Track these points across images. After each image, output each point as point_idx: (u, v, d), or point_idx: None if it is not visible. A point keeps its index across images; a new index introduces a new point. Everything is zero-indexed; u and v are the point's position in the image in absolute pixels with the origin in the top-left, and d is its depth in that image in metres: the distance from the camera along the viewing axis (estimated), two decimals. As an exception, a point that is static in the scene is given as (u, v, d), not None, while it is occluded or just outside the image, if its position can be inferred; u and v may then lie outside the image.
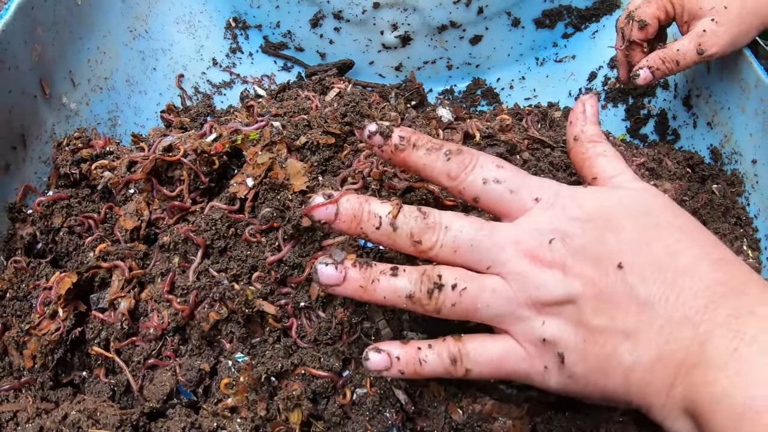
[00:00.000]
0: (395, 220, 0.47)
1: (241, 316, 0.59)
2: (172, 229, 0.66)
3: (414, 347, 0.49)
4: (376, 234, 0.48)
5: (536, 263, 0.46)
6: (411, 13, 1.16)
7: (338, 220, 0.48)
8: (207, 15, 1.16)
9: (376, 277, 0.47)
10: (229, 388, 0.58)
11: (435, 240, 0.47)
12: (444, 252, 0.47)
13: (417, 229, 0.47)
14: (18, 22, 0.70)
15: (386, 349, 0.49)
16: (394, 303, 0.48)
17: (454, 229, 0.47)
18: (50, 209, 0.71)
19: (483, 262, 0.47)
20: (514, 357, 0.48)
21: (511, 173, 0.49)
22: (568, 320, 0.46)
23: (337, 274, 0.47)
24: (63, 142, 0.77)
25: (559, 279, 0.46)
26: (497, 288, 0.47)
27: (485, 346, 0.49)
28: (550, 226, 0.47)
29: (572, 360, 0.46)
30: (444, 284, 0.46)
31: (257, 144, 0.68)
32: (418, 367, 0.48)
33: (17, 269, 0.68)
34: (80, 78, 0.84)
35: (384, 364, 0.48)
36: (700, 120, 1.01)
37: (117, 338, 0.63)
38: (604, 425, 0.57)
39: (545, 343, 0.47)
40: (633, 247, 0.46)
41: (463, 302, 0.47)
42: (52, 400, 0.62)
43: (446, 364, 0.48)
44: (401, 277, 0.47)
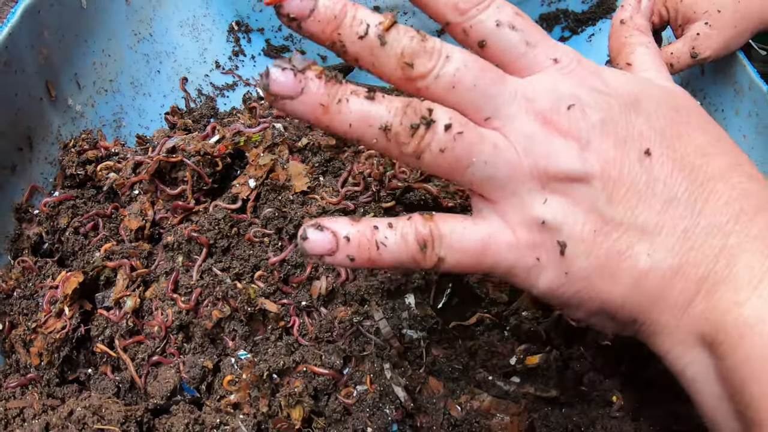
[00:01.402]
0: (386, 33, 0.36)
1: (244, 314, 0.59)
2: (176, 228, 0.66)
3: (369, 226, 0.38)
4: (356, 45, 0.36)
5: (549, 128, 0.37)
6: (410, 17, 1.16)
7: (312, 18, 0.36)
8: (210, 18, 1.15)
9: (344, 96, 0.36)
10: (232, 385, 0.58)
11: (431, 67, 0.36)
12: (438, 86, 0.37)
13: (410, 49, 0.36)
14: (25, 26, 0.70)
15: (330, 227, 0.37)
16: (362, 135, 0.36)
17: (456, 61, 0.37)
18: (56, 210, 0.71)
19: (483, 110, 0.37)
20: (500, 243, 0.38)
21: (530, 25, 0.40)
22: (578, 203, 0.37)
23: (294, 83, 0.35)
24: (69, 144, 0.77)
25: (576, 151, 0.37)
26: (500, 144, 0.37)
27: (464, 227, 0.38)
28: (570, 91, 0.38)
29: (575, 252, 0.38)
30: (435, 120, 0.36)
31: (259, 145, 0.68)
32: (374, 253, 0.37)
33: (24, 268, 0.68)
34: (85, 80, 0.84)
35: (327, 246, 0.37)
36: (695, 121, 1.00)
37: (122, 336, 0.63)
38: (600, 421, 0.57)
39: (544, 226, 0.38)
40: (663, 136, 0.38)
41: (455, 150, 0.36)
42: (58, 397, 0.62)
43: (413, 249, 0.37)
44: (378, 102, 0.36)
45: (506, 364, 0.60)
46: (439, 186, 0.64)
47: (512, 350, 0.60)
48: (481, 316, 0.62)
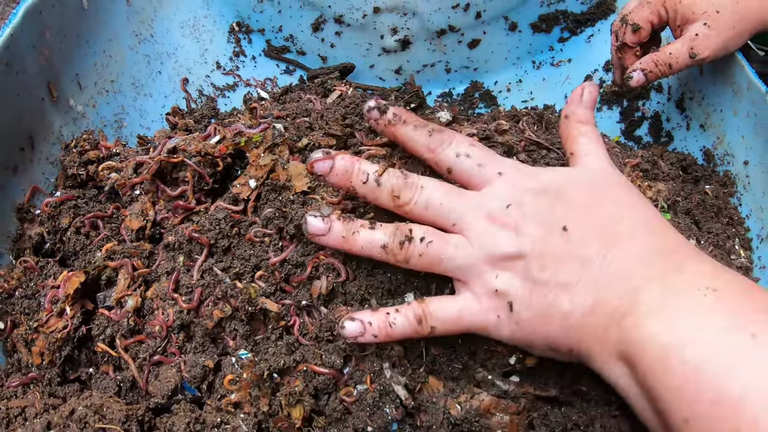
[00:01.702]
0: (380, 177, 0.54)
1: (245, 313, 0.59)
2: (177, 228, 0.66)
3: (383, 313, 0.54)
4: (363, 188, 0.54)
5: (494, 224, 0.52)
6: (410, 18, 1.16)
7: (332, 173, 0.54)
8: (211, 19, 1.16)
9: (356, 229, 0.54)
10: (233, 384, 0.58)
11: (411, 196, 0.54)
12: (417, 208, 0.54)
13: (397, 186, 0.54)
14: (26, 27, 0.70)
15: (359, 317, 0.54)
16: (370, 252, 0.54)
17: (428, 189, 0.54)
18: (58, 210, 0.71)
19: (450, 220, 0.53)
20: (471, 310, 0.53)
21: (481, 151, 0.55)
22: (518, 273, 0.51)
23: (324, 226, 0.54)
24: (70, 144, 0.77)
25: (512, 237, 0.51)
26: (459, 244, 0.53)
27: (446, 304, 0.54)
28: (509, 195, 0.53)
29: (519, 308, 0.51)
30: (414, 237, 0.53)
31: (260, 146, 0.68)
32: (389, 330, 0.53)
33: (26, 268, 0.68)
34: (87, 81, 0.84)
35: (358, 331, 0.53)
36: (693, 122, 1.01)
37: (123, 335, 0.63)
38: (599, 419, 0.57)
39: (497, 293, 0.52)
40: (579, 213, 0.52)
41: (429, 253, 0.52)
42: (59, 396, 0.62)
43: (413, 324, 0.53)
44: (378, 230, 0.54)
45: (505, 364, 0.60)
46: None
47: (511, 350, 0.61)
48: (481, 315, 0.62)
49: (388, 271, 0.60)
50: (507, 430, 0.56)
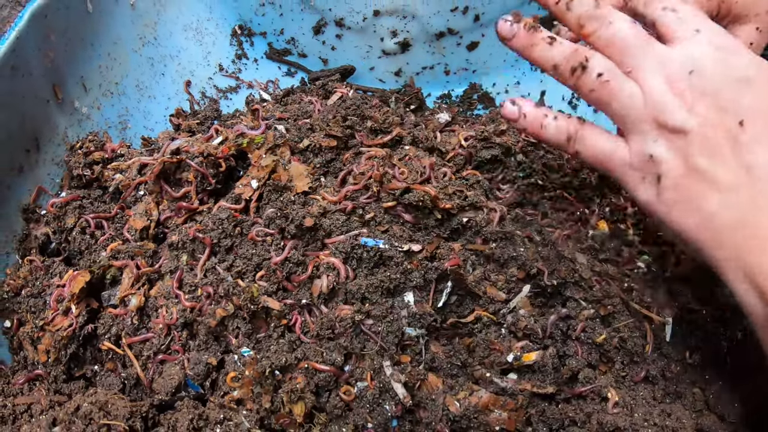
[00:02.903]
0: (571, 1, 0.52)
1: (247, 312, 0.60)
2: (181, 228, 0.66)
3: (542, 112, 0.55)
4: (554, 7, 0.54)
5: (670, 87, 0.48)
6: (410, 21, 1.16)
7: None
8: (213, 22, 1.16)
9: (536, 42, 0.53)
10: (235, 382, 0.58)
11: (596, 28, 0.51)
12: (600, 42, 0.52)
13: (585, 15, 0.52)
14: (32, 30, 0.70)
15: (520, 104, 0.55)
16: (543, 66, 0.54)
17: (616, 26, 0.51)
18: (63, 210, 0.71)
19: (627, 63, 0.50)
20: (621, 158, 0.52)
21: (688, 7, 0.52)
22: (676, 149, 0.48)
23: (510, 29, 0.54)
24: (76, 145, 0.78)
25: (682, 109, 0.48)
26: (634, 94, 0.50)
27: (600, 137, 0.53)
28: (696, 61, 0.48)
29: (666, 185, 0.49)
30: (588, 68, 0.51)
31: (261, 147, 0.69)
32: (539, 130, 0.55)
33: (32, 267, 0.68)
34: (91, 83, 0.84)
35: (514, 116, 0.55)
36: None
37: (127, 334, 0.63)
38: (595, 416, 0.57)
39: (651, 159, 0.49)
40: (761, 113, 0.46)
41: (600, 92, 0.51)
42: (65, 393, 0.62)
43: (561, 138, 0.54)
44: (555, 47, 0.53)
45: (504, 361, 0.60)
46: (437, 187, 0.64)
47: (509, 347, 0.61)
48: (479, 313, 0.62)
49: (388, 271, 0.60)
50: (505, 426, 0.56)
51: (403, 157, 0.68)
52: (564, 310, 0.63)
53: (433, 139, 0.74)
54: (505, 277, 0.63)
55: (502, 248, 0.63)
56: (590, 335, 0.61)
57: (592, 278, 0.62)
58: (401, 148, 0.71)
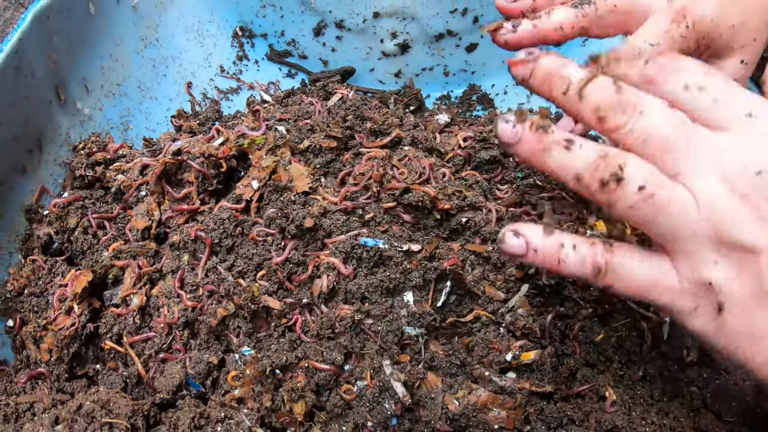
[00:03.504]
0: (585, 87, 0.40)
1: (248, 311, 0.60)
2: (182, 228, 0.66)
3: (557, 242, 0.43)
4: (562, 99, 0.42)
5: (733, 192, 0.38)
6: (409, 22, 1.16)
7: (533, 78, 0.43)
8: (215, 24, 1.16)
9: (548, 146, 0.41)
10: (236, 380, 0.58)
11: (623, 122, 0.39)
12: (631, 139, 0.39)
13: (606, 103, 0.40)
14: (34, 31, 0.70)
15: (525, 235, 0.43)
16: (562, 179, 0.42)
17: (652, 118, 0.39)
18: (65, 210, 0.71)
19: (673, 167, 0.39)
20: (665, 285, 0.41)
21: (719, 81, 0.40)
22: (745, 271, 0.38)
23: (513, 132, 0.42)
24: (78, 146, 0.78)
25: (752, 222, 0.37)
26: (687, 205, 0.39)
27: (638, 264, 0.42)
28: (760, 156, 0.38)
29: (730, 314, 0.39)
30: (626, 179, 0.39)
31: (262, 148, 0.69)
32: (555, 265, 0.43)
33: (35, 267, 0.68)
34: (94, 84, 0.84)
35: (519, 251, 0.43)
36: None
37: (129, 333, 0.63)
38: (593, 414, 0.57)
39: (709, 286, 0.39)
40: None
41: (644, 209, 0.39)
42: (67, 392, 0.62)
43: (587, 272, 0.42)
44: (574, 152, 0.41)
45: (502, 360, 0.60)
46: (436, 188, 0.64)
47: (508, 346, 0.61)
48: (478, 313, 0.62)
49: (387, 271, 0.60)
50: (504, 424, 0.56)
51: (402, 158, 0.68)
52: (562, 310, 0.63)
53: (433, 139, 0.74)
54: (504, 276, 0.63)
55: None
56: (588, 335, 0.61)
57: (590, 278, 0.62)
58: (401, 149, 0.71)
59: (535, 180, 0.71)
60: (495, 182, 0.72)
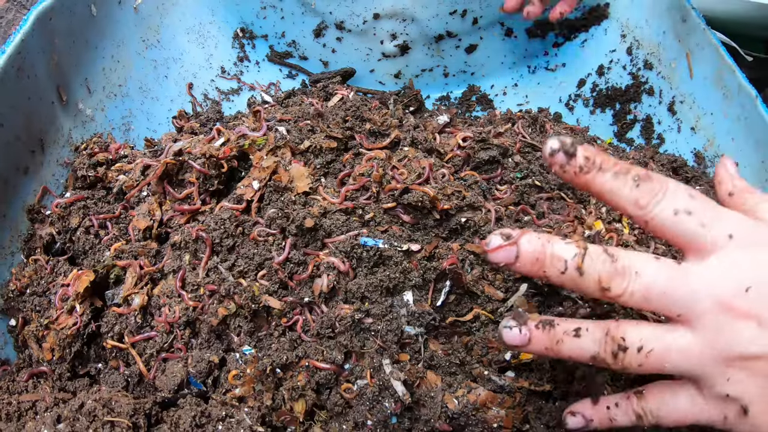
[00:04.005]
0: (582, 265, 0.43)
1: (248, 311, 0.60)
2: (183, 228, 0.66)
3: (603, 407, 0.49)
4: (560, 278, 0.44)
5: (730, 313, 0.42)
6: (409, 24, 1.16)
7: (519, 263, 0.44)
8: (216, 25, 1.16)
9: (559, 338, 0.46)
10: (237, 379, 0.58)
11: (625, 287, 0.43)
12: (634, 299, 0.44)
13: (606, 275, 0.43)
14: (36, 32, 0.70)
15: (580, 413, 0.50)
16: (580, 361, 0.47)
17: (646, 276, 0.43)
18: (68, 210, 0.71)
19: (674, 310, 0.44)
20: (697, 409, 0.46)
21: (702, 203, 0.44)
22: (757, 374, 0.42)
23: (522, 337, 0.46)
24: (80, 147, 0.78)
25: (755, 333, 0.42)
26: (684, 346, 0.44)
27: (667, 401, 0.47)
28: (748, 272, 0.42)
29: (756, 411, 0.43)
30: (628, 347, 0.44)
31: (263, 148, 0.69)
32: (610, 424, 0.49)
33: (37, 267, 0.68)
34: (95, 85, 0.85)
35: (582, 426, 0.50)
36: (684, 125, 1.01)
37: (131, 332, 0.63)
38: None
39: (728, 398, 0.43)
40: None
41: (649, 363, 0.44)
42: (69, 391, 0.62)
43: (633, 420, 0.48)
44: (584, 337, 0.45)
45: (501, 359, 0.60)
46: (436, 188, 0.64)
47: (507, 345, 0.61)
48: (478, 312, 0.62)
49: (387, 270, 0.60)
50: (503, 423, 0.56)
51: (402, 159, 0.68)
52: (560, 309, 0.63)
53: (432, 140, 0.74)
54: (503, 276, 0.63)
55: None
56: (587, 334, 0.61)
57: (589, 277, 0.62)
58: (400, 150, 0.71)
59: (534, 180, 0.71)
60: (494, 182, 0.72)
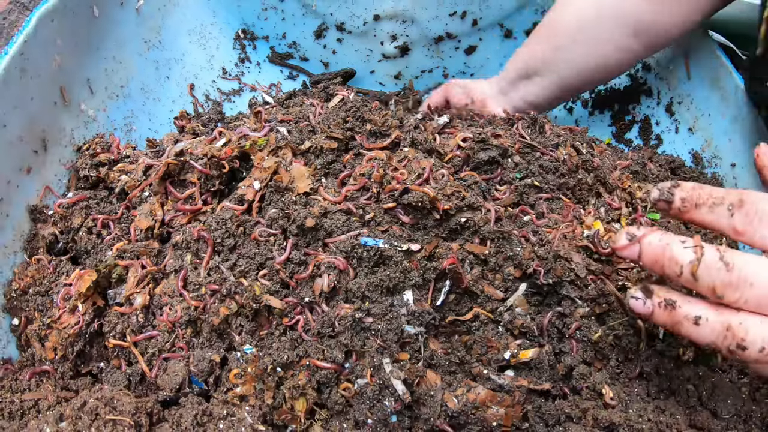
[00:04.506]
0: (696, 271, 0.46)
1: (249, 310, 0.60)
2: (185, 228, 0.66)
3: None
4: (678, 279, 0.48)
5: None
6: (409, 25, 1.16)
7: (642, 260, 0.49)
8: (217, 27, 1.16)
9: (679, 320, 0.48)
10: (238, 378, 0.58)
11: (738, 297, 0.46)
12: (747, 307, 0.46)
13: (720, 285, 0.46)
14: (39, 33, 0.70)
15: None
16: (695, 341, 0.49)
17: (760, 288, 0.45)
18: (70, 210, 0.71)
19: None
20: None
21: None
22: None
23: (645, 309, 0.50)
24: (83, 147, 0.78)
25: None
26: None
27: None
28: None
29: None
30: (748, 347, 0.46)
31: (264, 149, 0.69)
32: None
33: (40, 266, 0.68)
34: (98, 86, 0.85)
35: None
36: (682, 126, 1.01)
37: (133, 331, 0.63)
38: (591, 411, 0.57)
39: None
40: None
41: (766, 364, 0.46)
42: (71, 389, 0.62)
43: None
44: (703, 327, 0.47)
45: (501, 358, 0.60)
46: (436, 189, 0.64)
47: (506, 345, 0.61)
48: (477, 311, 0.62)
49: (387, 270, 0.60)
50: (502, 421, 0.56)
51: (402, 159, 0.68)
52: (559, 308, 0.63)
53: (432, 141, 0.74)
54: (503, 275, 0.63)
55: (498, 248, 0.63)
56: (585, 333, 0.61)
57: (588, 277, 0.62)
58: (401, 150, 0.71)
59: (533, 181, 0.71)
60: (493, 183, 0.72)
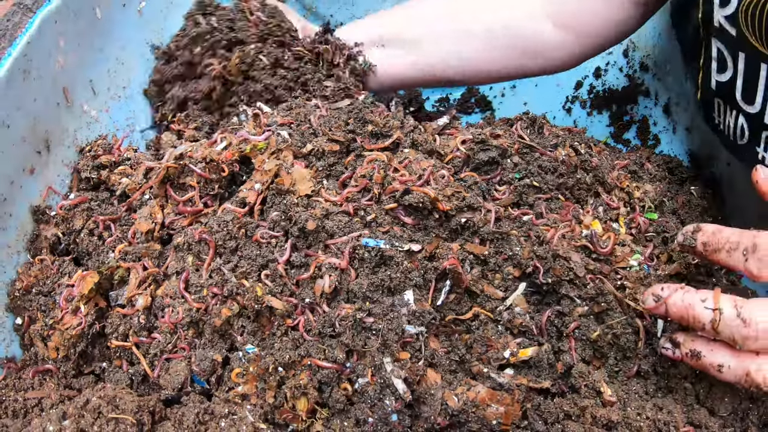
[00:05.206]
0: (717, 327, 0.52)
1: (251, 311, 0.59)
2: (186, 230, 0.66)
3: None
4: (702, 331, 0.54)
5: None
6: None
7: (669, 315, 0.55)
8: (218, 28, 1.15)
9: (704, 367, 0.54)
10: (240, 378, 0.58)
11: (757, 347, 0.51)
12: (765, 352, 0.51)
13: (739, 338, 0.51)
14: (42, 35, 0.70)
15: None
16: (720, 378, 0.54)
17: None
18: (72, 212, 0.71)
19: None
20: None
21: None
22: None
23: (675, 357, 0.57)
24: (85, 148, 0.77)
25: None
26: None
27: None
28: None
29: None
30: (765, 389, 0.51)
31: (264, 152, 0.68)
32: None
33: (43, 267, 0.68)
34: (100, 87, 0.84)
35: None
36: (679, 126, 1.01)
37: (135, 332, 0.63)
38: (589, 410, 0.57)
39: None
40: None
41: None
42: (74, 388, 0.62)
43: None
44: (726, 373, 0.53)
45: (500, 357, 0.60)
46: (436, 189, 0.64)
47: (506, 344, 0.61)
48: (477, 311, 0.62)
49: (388, 270, 0.60)
50: (502, 420, 0.56)
51: (403, 160, 0.68)
52: (558, 308, 0.63)
53: (432, 142, 0.74)
54: (502, 275, 0.63)
55: (498, 248, 0.63)
56: (584, 332, 0.61)
57: (586, 276, 0.62)
58: (401, 151, 0.70)
59: (532, 181, 0.71)
60: (493, 183, 0.72)
